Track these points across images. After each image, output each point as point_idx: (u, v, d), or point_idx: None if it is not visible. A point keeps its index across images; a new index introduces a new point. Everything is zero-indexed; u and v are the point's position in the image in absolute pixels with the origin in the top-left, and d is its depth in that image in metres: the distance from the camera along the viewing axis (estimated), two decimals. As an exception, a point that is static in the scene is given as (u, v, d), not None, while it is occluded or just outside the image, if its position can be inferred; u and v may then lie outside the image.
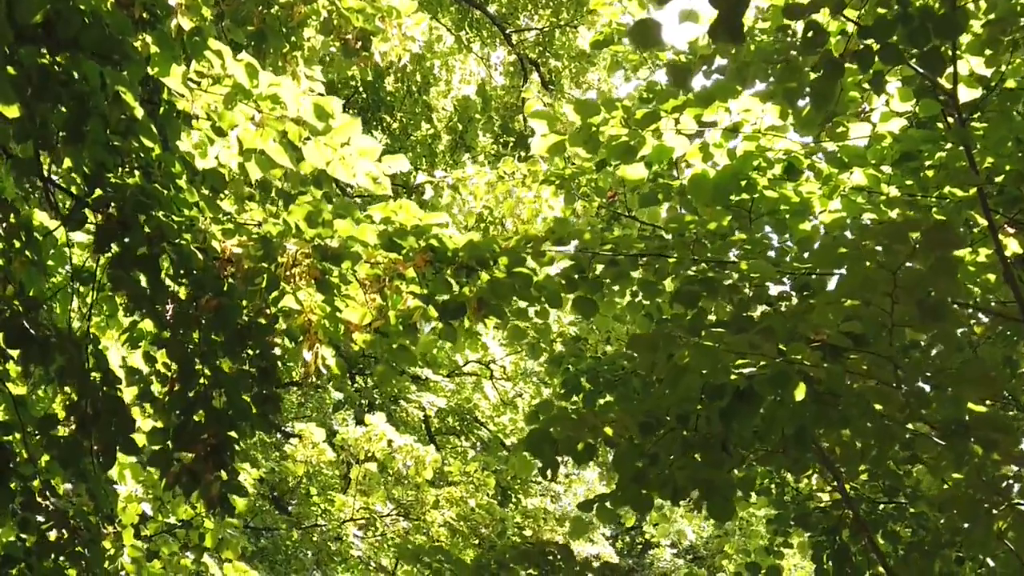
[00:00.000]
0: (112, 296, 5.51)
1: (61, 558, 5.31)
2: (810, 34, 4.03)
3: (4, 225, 4.09)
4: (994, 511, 4.89)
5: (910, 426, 5.34)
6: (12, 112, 3.69)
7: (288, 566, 8.72)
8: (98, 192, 4.58)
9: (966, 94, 5.12)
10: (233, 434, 4.67)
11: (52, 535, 5.21)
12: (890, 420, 5.24)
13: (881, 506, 7.98)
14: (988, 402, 4.86)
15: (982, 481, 5.16)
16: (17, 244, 4.23)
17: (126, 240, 4.71)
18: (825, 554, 7.98)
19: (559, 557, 7.51)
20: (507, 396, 14.49)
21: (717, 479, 5.44)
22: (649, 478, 5.23)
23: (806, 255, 5.42)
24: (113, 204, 4.61)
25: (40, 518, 5.32)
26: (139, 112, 4.05)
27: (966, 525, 7.42)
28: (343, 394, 12.84)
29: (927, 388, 5.07)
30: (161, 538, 6.74)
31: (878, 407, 5.29)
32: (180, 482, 4.78)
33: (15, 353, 5.91)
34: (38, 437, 5.50)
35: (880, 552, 7.14)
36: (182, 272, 4.68)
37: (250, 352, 4.97)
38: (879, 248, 4.00)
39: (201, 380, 4.86)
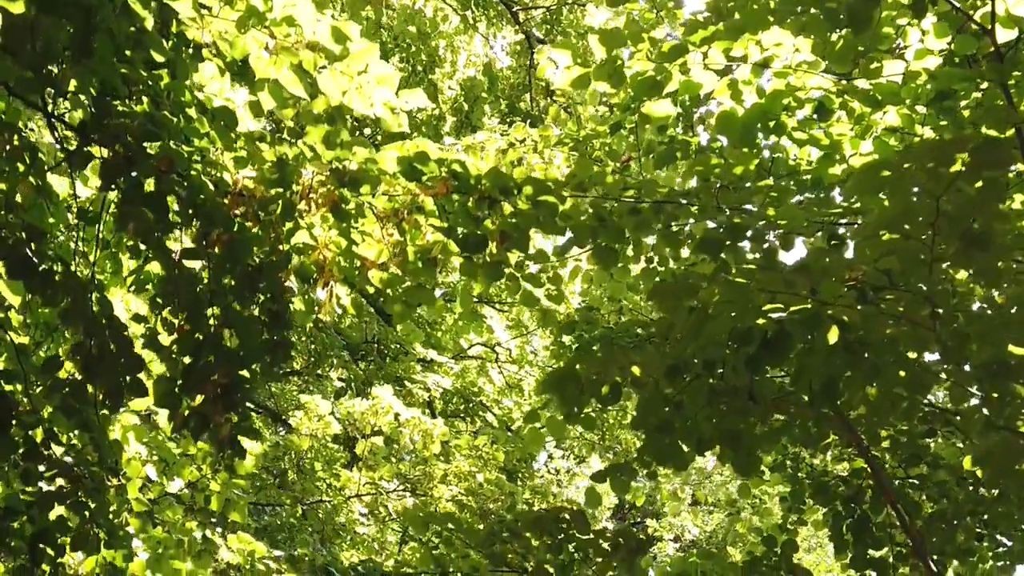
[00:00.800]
0: (116, 251, 5.33)
1: (63, 509, 5.13)
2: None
3: (8, 148, 3.91)
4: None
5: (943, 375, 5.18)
6: (18, 7, 3.51)
7: (292, 544, 8.52)
8: (105, 124, 4.39)
9: (1003, 35, 4.95)
10: (245, 374, 4.49)
11: (55, 485, 5.03)
12: (923, 368, 5.08)
13: (903, 476, 7.79)
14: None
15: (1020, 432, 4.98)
16: (21, 168, 4.05)
17: (133, 175, 4.53)
18: (844, 524, 7.80)
19: (573, 523, 7.33)
20: (513, 380, 14.30)
21: (743, 430, 5.27)
22: (674, 427, 5.06)
23: (837, 194, 5.26)
24: (119, 137, 4.43)
25: (42, 468, 5.14)
26: (149, 22, 3.87)
27: (995, 492, 7.26)
28: (347, 374, 12.66)
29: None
30: (165, 501, 6.56)
31: (911, 355, 5.13)
32: (189, 425, 4.60)
33: (16, 301, 5.74)
34: (41, 388, 5.33)
35: (904, 519, 6.95)
36: (191, 207, 4.50)
37: (261, 296, 4.80)
38: (920, 172, 3.82)
39: (210, 321, 4.68)
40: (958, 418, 7.40)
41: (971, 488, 7.75)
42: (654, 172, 7.11)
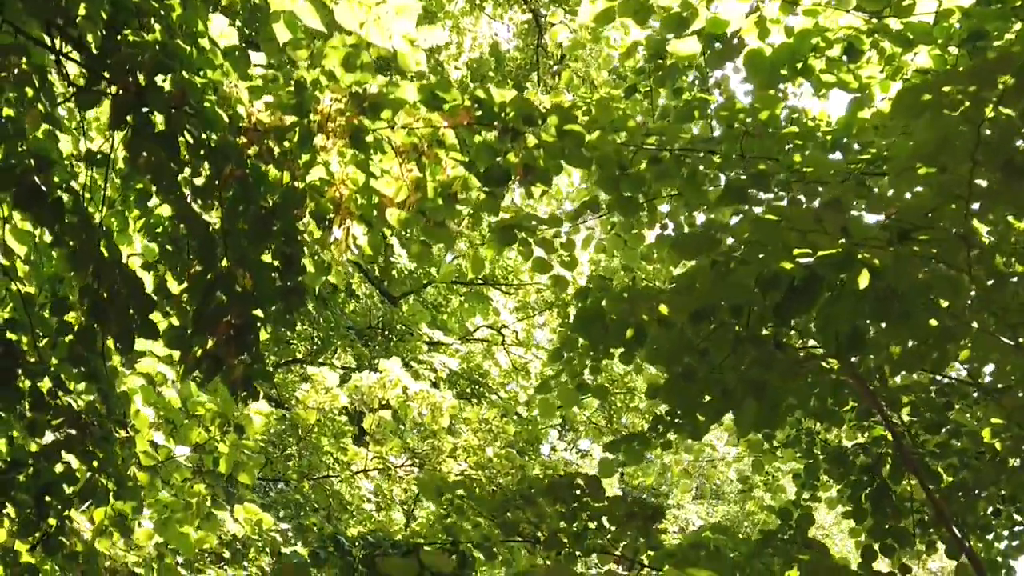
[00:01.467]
0: (127, 193, 5.19)
1: (71, 460, 5.00)
2: None
3: (15, 71, 3.77)
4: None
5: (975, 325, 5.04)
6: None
7: (298, 520, 8.39)
8: (115, 55, 4.25)
9: (1037, -26, 4.83)
10: (259, 313, 4.35)
11: (62, 433, 4.89)
12: (955, 316, 4.94)
13: (922, 446, 7.65)
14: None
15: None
16: (29, 92, 3.91)
17: (144, 110, 4.39)
18: (864, 493, 7.65)
19: (587, 490, 7.18)
20: (519, 363, 14.18)
21: (768, 381, 5.13)
22: (698, 375, 4.92)
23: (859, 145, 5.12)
24: (130, 70, 4.29)
25: (49, 418, 5.01)
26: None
27: (1017, 462, 7.12)
28: (352, 354, 12.53)
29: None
30: (172, 464, 6.42)
31: (943, 303, 5.00)
32: (200, 367, 4.46)
33: (23, 251, 5.60)
34: (47, 340, 5.20)
35: (927, 485, 6.81)
36: (204, 144, 4.36)
37: (274, 241, 4.66)
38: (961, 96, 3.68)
39: (223, 262, 4.54)
40: (974, 392, 7.28)
41: (991, 460, 7.61)
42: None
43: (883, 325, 5.34)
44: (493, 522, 7.61)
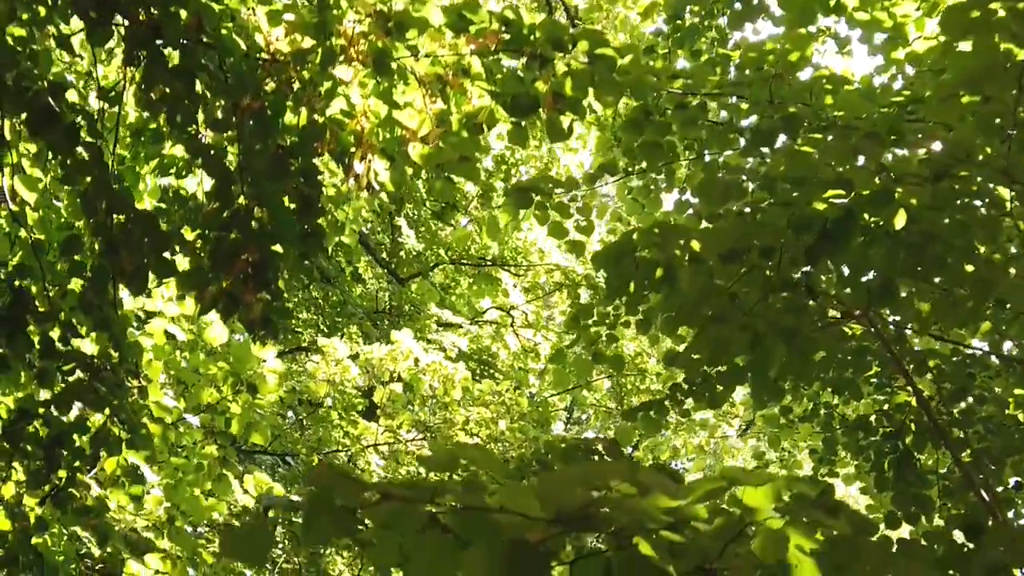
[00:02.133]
0: (139, 130, 5.06)
1: (82, 409, 4.86)
2: None
3: (28, -9, 3.64)
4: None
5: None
6: None
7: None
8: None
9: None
10: (277, 248, 4.21)
11: (73, 378, 4.76)
12: (991, 264, 4.81)
13: (947, 413, 7.50)
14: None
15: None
16: (42, 11, 3.78)
17: (159, 43, 4.26)
18: (886, 461, 7.50)
19: (607, 454, 7.05)
20: (528, 345, 14.03)
21: (798, 328, 4.99)
22: (728, 319, 4.79)
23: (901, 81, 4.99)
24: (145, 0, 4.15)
25: (60, 364, 4.87)
26: None
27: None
28: (361, 336, 12.38)
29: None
30: (184, 424, 6.28)
31: (980, 249, 4.87)
32: (217, 305, 4.33)
33: (32, 198, 5.47)
34: (57, 289, 5.06)
35: (955, 450, 6.66)
36: (221, 74, 4.22)
37: (292, 185, 4.53)
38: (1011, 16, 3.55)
39: (240, 200, 4.41)
40: (995, 359, 7.14)
41: (1016, 429, 7.48)
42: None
43: (913, 281, 5.22)
44: (509, 489, 7.46)
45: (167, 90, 4.25)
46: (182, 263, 4.71)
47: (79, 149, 4.30)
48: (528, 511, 2.40)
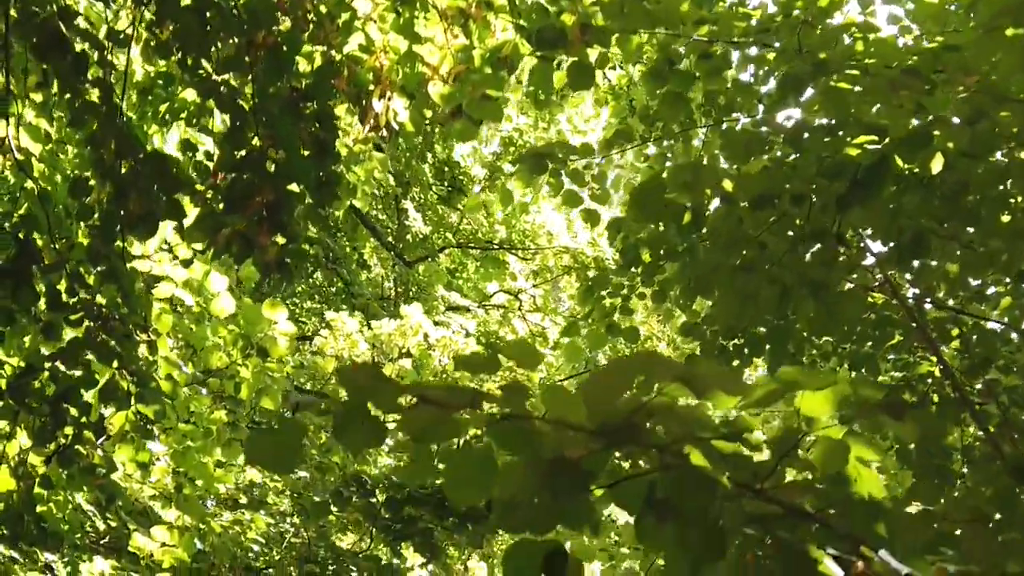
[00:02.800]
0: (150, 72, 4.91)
1: (90, 361, 4.71)
2: None
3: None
4: None
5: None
6: None
7: (320, 461, 8.12)
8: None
9: None
10: (293, 187, 4.07)
11: (81, 330, 4.61)
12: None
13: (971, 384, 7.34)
14: None
15: None
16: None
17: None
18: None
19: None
20: (537, 329, 13.89)
21: (828, 283, 4.85)
22: (756, 270, 4.64)
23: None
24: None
25: (67, 315, 4.72)
26: None
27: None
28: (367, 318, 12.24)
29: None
30: (193, 389, 6.13)
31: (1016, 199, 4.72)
32: (230, 249, 4.18)
33: (37, 148, 5.33)
34: (64, 241, 4.92)
35: (982, 420, 6.51)
36: (234, 5, 4.07)
37: (307, 130, 4.38)
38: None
39: (254, 141, 4.26)
40: (1014, 336, 6.98)
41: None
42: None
43: (943, 241, 5.07)
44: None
45: (178, 25, 4.10)
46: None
47: (88, 87, 4.15)
48: (572, 418, 2.25)
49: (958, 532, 2.38)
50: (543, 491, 2.38)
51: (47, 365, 4.85)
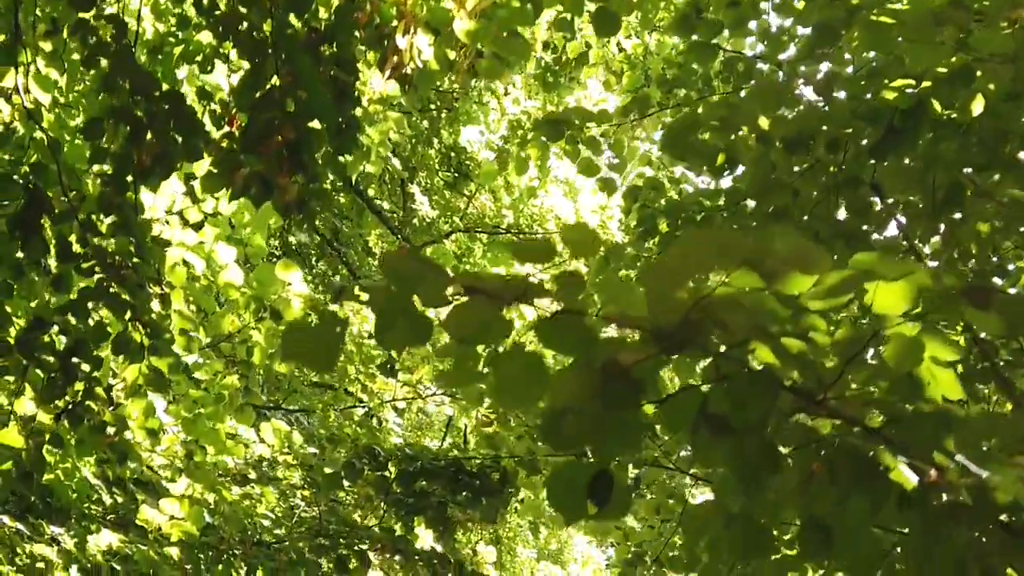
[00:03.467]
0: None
1: (102, 313, 4.58)
2: None
3: None
4: None
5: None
6: None
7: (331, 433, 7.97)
8: None
9: None
10: (315, 125, 3.93)
11: (92, 280, 4.47)
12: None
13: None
14: None
15: None
16: None
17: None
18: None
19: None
20: (545, 315, 13.72)
21: (863, 232, 4.72)
22: (789, 217, 4.50)
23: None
24: None
25: (79, 264, 4.59)
26: None
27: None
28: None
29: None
30: (204, 354, 6.00)
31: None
32: (249, 190, 4.04)
33: (47, 98, 5.20)
34: (75, 193, 4.79)
35: (1013, 392, 6.36)
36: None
37: (327, 71, 4.25)
38: None
39: (274, 79, 4.12)
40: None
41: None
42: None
43: (977, 198, 4.94)
44: (540, 435, 7.18)
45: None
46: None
47: (101, 23, 4.02)
48: (633, 312, 2.11)
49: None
50: (594, 400, 2.24)
51: (56, 319, 4.72)
